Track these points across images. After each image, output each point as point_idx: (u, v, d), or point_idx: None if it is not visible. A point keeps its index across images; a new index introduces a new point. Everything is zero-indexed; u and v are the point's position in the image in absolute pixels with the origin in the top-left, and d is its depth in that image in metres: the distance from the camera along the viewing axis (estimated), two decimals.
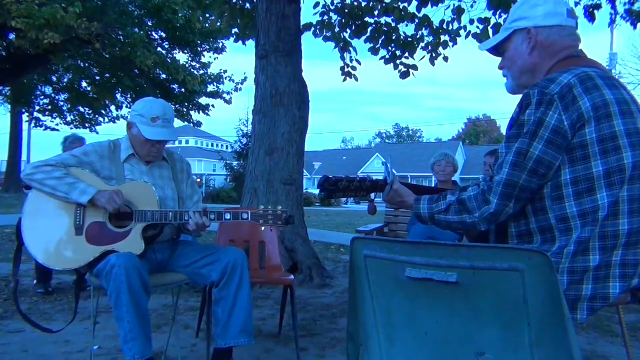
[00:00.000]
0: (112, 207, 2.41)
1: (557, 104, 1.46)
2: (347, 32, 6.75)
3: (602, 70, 1.61)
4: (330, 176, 1.79)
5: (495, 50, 1.79)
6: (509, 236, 1.61)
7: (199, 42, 16.72)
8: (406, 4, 6.43)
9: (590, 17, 6.30)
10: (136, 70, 15.66)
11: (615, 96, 1.50)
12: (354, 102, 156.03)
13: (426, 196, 1.73)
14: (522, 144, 1.48)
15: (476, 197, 1.55)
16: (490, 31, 6.17)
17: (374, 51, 6.81)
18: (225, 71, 17.96)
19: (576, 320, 1.44)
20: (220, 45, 17.14)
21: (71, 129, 19.65)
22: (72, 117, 19.99)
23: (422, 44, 6.88)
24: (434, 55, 6.89)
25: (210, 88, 18.31)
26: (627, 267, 1.45)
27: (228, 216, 2.49)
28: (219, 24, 7.66)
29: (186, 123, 20.22)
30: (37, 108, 20.15)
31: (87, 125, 19.90)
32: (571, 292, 1.44)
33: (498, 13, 6.06)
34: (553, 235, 1.50)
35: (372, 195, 1.94)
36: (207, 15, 8.25)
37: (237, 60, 17.56)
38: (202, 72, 17.59)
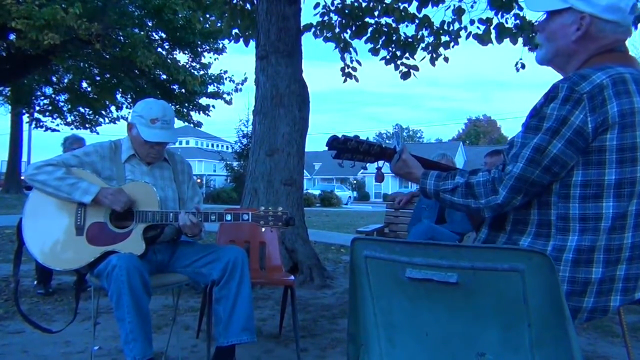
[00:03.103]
0: (120, 207, 2.41)
1: (585, 104, 1.39)
2: (347, 33, 6.75)
3: (638, 71, 1.52)
4: (339, 135, 1.74)
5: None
6: (505, 220, 1.57)
7: (199, 42, 16.74)
8: (406, 5, 6.43)
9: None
10: (136, 71, 15.70)
11: None
12: (354, 103, 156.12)
13: (434, 171, 1.68)
14: (541, 140, 1.42)
15: (485, 183, 1.50)
16: (493, 32, 6.16)
17: (374, 52, 6.81)
18: (226, 72, 18.00)
19: (573, 323, 1.43)
20: (221, 45, 17.17)
21: (71, 129, 19.70)
22: (72, 117, 20.02)
23: (423, 45, 6.88)
24: (434, 55, 6.89)
25: (211, 88, 18.34)
26: (629, 282, 1.44)
27: (229, 217, 2.49)
28: (219, 24, 7.65)
29: (186, 123, 20.25)
30: (37, 108, 20.18)
31: (87, 125, 19.93)
32: (571, 303, 1.40)
33: (500, 13, 6.06)
34: (549, 232, 1.47)
35: (380, 163, 1.88)
36: (207, 16, 8.24)
37: (237, 60, 17.57)
38: (202, 72, 17.61)
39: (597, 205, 1.41)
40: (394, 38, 6.78)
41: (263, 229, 2.50)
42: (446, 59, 6.95)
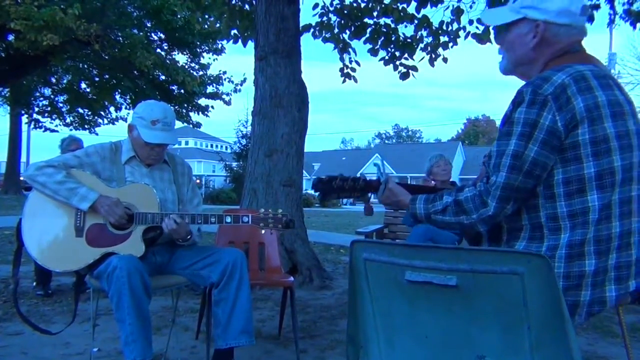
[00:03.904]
0: (114, 220, 2.43)
1: (550, 105, 1.45)
2: (346, 33, 6.75)
3: (598, 67, 1.59)
4: (323, 176, 1.78)
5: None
6: (501, 230, 1.60)
7: (198, 43, 16.75)
8: (405, 5, 6.43)
9: (589, 17, 6.30)
10: (135, 71, 15.69)
11: (608, 97, 1.49)
12: (353, 103, 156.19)
13: (422, 195, 1.71)
14: (517, 147, 1.47)
15: (473, 198, 1.54)
16: (492, 31, 6.17)
17: (373, 52, 6.81)
18: (225, 72, 18.01)
19: (574, 322, 1.44)
20: (220, 46, 17.18)
21: (70, 130, 19.67)
22: (71, 118, 20.01)
23: (421, 45, 6.88)
24: (433, 56, 6.89)
25: (210, 89, 18.35)
26: (621, 270, 1.46)
27: (228, 219, 2.49)
28: (218, 25, 7.65)
29: (185, 124, 20.25)
30: (36, 109, 20.17)
31: (86, 126, 19.92)
32: (568, 298, 1.43)
33: None
34: (542, 234, 1.50)
35: (368, 196, 1.91)
36: (206, 17, 8.24)
37: (236, 61, 17.57)
38: (201, 73, 17.63)
39: (583, 200, 1.45)
40: (392, 38, 6.78)
41: (263, 231, 2.49)
42: (445, 59, 6.96)
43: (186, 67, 16.99)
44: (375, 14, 6.61)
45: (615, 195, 1.46)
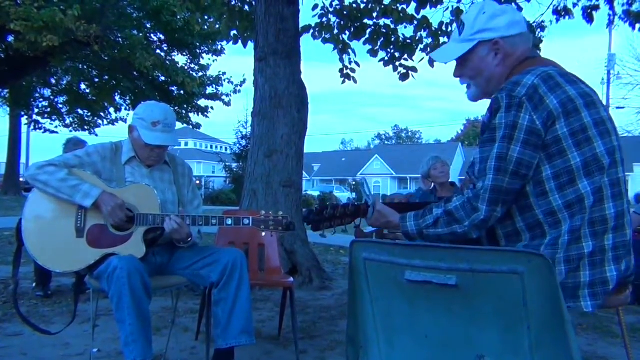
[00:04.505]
0: (114, 222, 2.42)
1: (526, 106, 1.51)
2: (345, 34, 6.74)
3: (557, 67, 1.67)
4: (313, 208, 1.83)
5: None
6: (497, 237, 1.64)
7: (197, 44, 16.75)
8: (405, 6, 6.43)
9: (589, 18, 6.31)
10: (135, 72, 15.70)
11: (577, 91, 1.56)
12: (353, 104, 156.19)
13: (411, 213, 1.74)
14: (500, 149, 1.52)
15: (463, 205, 1.57)
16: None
17: (373, 53, 6.81)
18: (224, 73, 18.02)
19: (581, 309, 1.47)
20: (219, 47, 17.18)
21: (70, 131, 19.67)
22: (70, 119, 20.00)
23: (421, 46, 6.88)
24: None
25: (209, 90, 18.34)
26: (618, 250, 1.51)
27: (229, 221, 2.49)
28: (217, 26, 7.66)
29: (185, 125, 20.24)
30: (36, 110, 20.15)
31: (85, 127, 19.90)
32: (569, 280, 1.48)
33: None
34: (543, 231, 1.53)
35: (357, 221, 1.97)
36: (206, 18, 8.24)
37: (235, 62, 17.58)
38: (201, 74, 17.62)
39: (576, 189, 1.50)
40: (392, 39, 6.78)
41: (263, 234, 2.50)
42: None
43: (186, 68, 16.99)
44: (375, 14, 6.61)
45: (605, 178, 1.51)
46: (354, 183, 49.33)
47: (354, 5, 6.61)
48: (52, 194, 2.43)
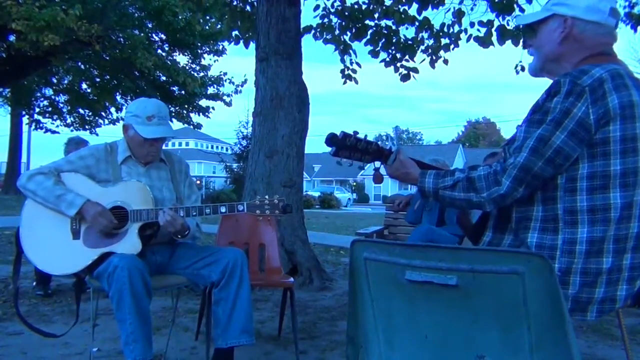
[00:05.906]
0: (99, 229, 2.42)
1: (586, 97, 1.45)
2: (347, 35, 6.75)
3: (629, 70, 1.60)
4: (338, 132, 1.75)
5: (529, 25, 1.76)
6: (509, 219, 1.59)
7: (199, 44, 16.76)
8: (406, 7, 6.44)
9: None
10: (136, 72, 15.71)
11: None
12: (354, 105, 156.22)
13: (432, 170, 1.70)
14: (544, 131, 1.46)
15: (486, 176, 1.53)
16: (494, 33, 6.17)
17: (374, 54, 6.82)
18: (225, 73, 18.01)
19: (585, 320, 1.46)
20: (220, 47, 17.20)
21: (71, 130, 19.68)
22: (72, 119, 20.01)
23: (422, 47, 6.88)
24: (434, 58, 6.89)
25: (210, 90, 18.34)
26: (634, 270, 1.48)
27: (223, 209, 2.48)
28: (219, 26, 7.66)
29: (186, 125, 20.25)
30: (37, 110, 20.16)
31: (87, 127, 19.92)
32: (583, 295, 1.44)
33: (501, 16, 6.06)
34: (556, 226, 1.49)
35: (377, 164, 1.87)
36: (207, 18, 8.25)
37: (237, 62, 17.56)
38: (202, 74, 17.63)
39: (605, 196, 1.45)
40: (393, 40, 6.78)
41: (260, 218, 2.45)
42: (446, 61, 6.95)
43: (187, 68, 17.00)
44: (376, 15, 6.61)
45: (638, 196, 1.47)
46: (354, 184, 49.31)
47: (356, 6, 6.61)
48: (40, 203, 2.45)
